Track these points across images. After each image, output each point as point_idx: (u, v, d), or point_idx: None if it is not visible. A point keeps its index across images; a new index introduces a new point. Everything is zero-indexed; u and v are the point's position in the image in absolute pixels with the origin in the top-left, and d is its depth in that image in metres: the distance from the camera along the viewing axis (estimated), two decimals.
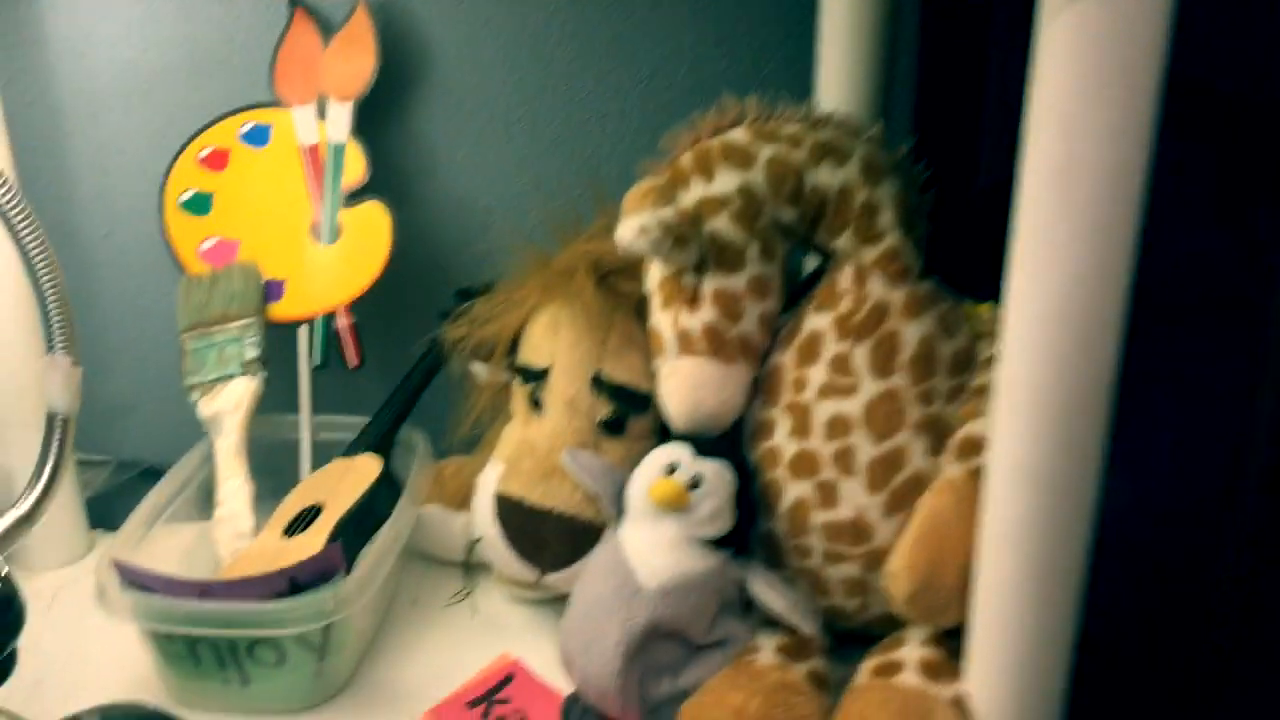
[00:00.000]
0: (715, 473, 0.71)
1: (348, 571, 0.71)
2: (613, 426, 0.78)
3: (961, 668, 0.66)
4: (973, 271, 0.75)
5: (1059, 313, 0.55)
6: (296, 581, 0.70)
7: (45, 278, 0.69)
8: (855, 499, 0.70)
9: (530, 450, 0.78)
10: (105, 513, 0.93)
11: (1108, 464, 0.58)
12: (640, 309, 0.78)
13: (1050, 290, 0.55)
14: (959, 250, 0.78)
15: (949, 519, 0.65)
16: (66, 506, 0.89)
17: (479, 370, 0.85)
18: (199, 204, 0.91)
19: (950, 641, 0.68)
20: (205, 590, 0.69)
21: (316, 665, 0.73)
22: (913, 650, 0.68)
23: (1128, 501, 0.66)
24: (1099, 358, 0.56)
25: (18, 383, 0.84)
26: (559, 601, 0.82)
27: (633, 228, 0.68)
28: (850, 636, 0.75)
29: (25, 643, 0.79)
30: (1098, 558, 0.61)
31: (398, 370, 0.91)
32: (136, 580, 0.70)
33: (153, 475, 0.86)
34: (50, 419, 0.70)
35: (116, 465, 0.98)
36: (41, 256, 0.69)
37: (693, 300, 0.72)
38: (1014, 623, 0.61)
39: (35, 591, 0.86)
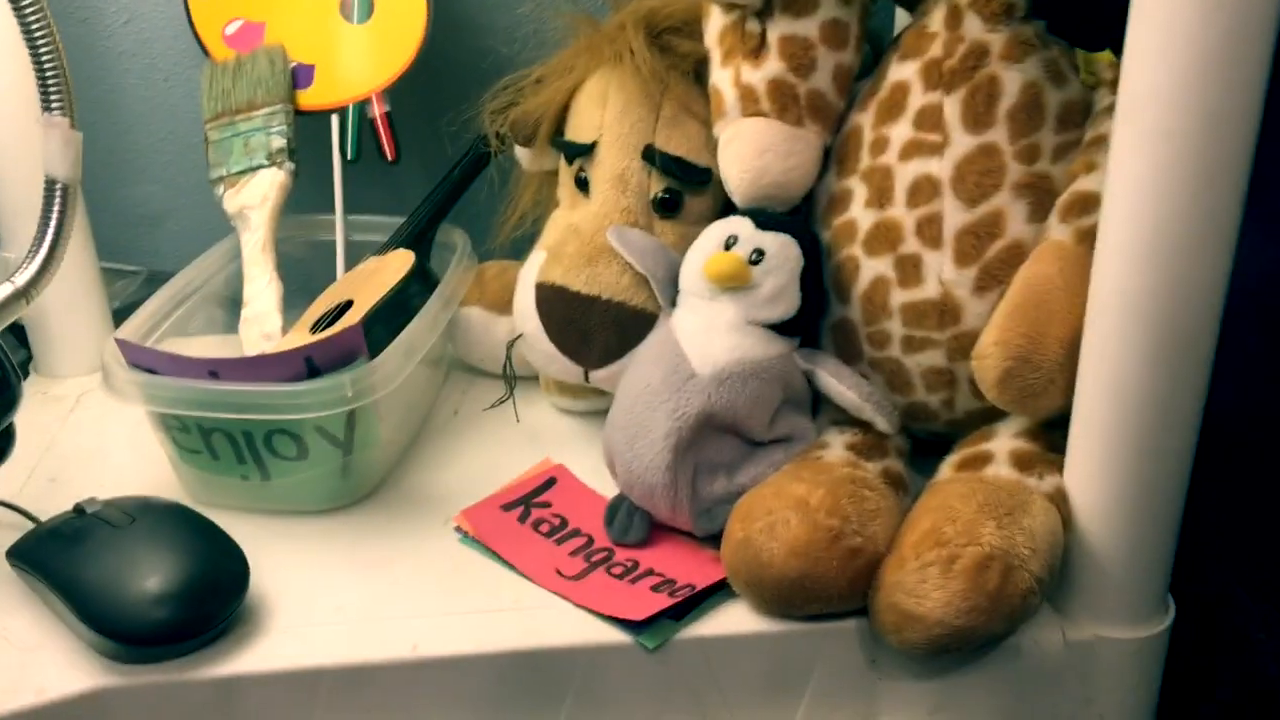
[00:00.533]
0: (780, 246, 0.62)
1: (371, 358, 0.65)
2: (667, 205, 0.70)
3: (1060, 461, 0.57)
4: (1084, 20, 0.64)
5: (1193, 25, 0.45)
6: (314, 363, 0.63)
7: (36, 28, 0.62)
8: (942, 274, 0.60)
9: (575, 233, 0.70)
10: None
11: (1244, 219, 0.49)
12: (699, 72, 0.69)
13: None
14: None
15: (1052, 286, 0.56)
16: (91, 313, 0.84)
17: (522, 156, 0.77)
18: None
19: (1049, 435, 0.59)
20: (215, 370, 0.63)
21: (341, 461, 0.66)
22: (1004, 441, 0.59)
23: (1267, 269, 0.56)
24: (1240, 72, 0.45)
25: (23, 170, 0.78)
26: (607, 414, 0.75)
27: None
28: (932, 444, 0.66)
29: (42, 443, 0.75)
30: (1227, 335, 0.51)
31: (439, 166, 0.83)
32: (141, 360, 0.64)
33: None
34: (49, 186, 0.64)
35: (148, 276, 0.92)
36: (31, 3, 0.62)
37: (757, 51, 0.63)
38: (1126, 410, 0.52)
39: (58, 397, 0.82)
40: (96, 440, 0.76)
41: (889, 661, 0.58)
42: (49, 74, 0.62)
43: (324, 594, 0.61)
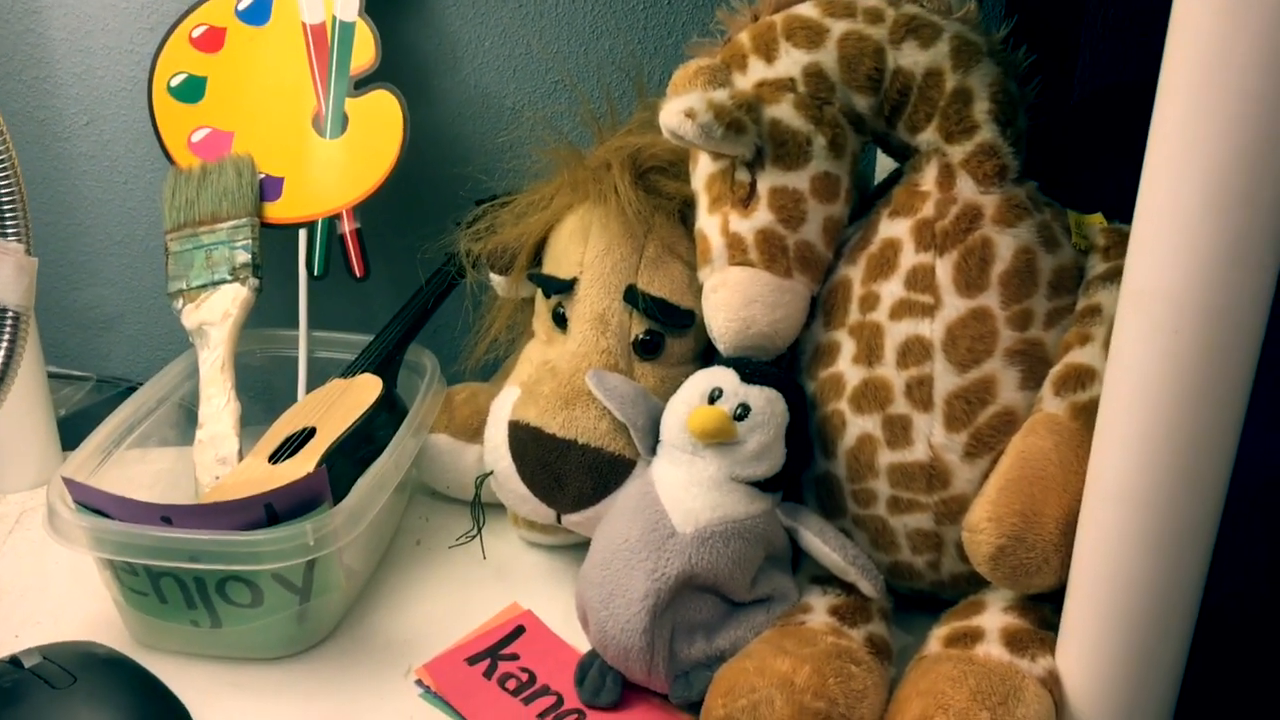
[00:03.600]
0: (765, 402, 0.60)
1: (336, 501, 0.62)
2: (648, 347, 0.68)
3: (1052, 640, 0.55)
4: (1072, 182, 0.64)
5: (1203, 223, 0.44)
6: (274, 510, 0.60)
7: None
8: (931, 437, 0.59)
9: (551, 372, 0.68)
10: (83, 434, 0.83)
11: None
12: (684, 213, 0.68)
13: (1195, 195, 0.44)
14: (1056, 159, 0.67)
15: (1046, 463, 0.54)
16: (36, 424, 0.80)
17: (497, 283, 0.74)
18: (190, 90, 0.81)
19: (1038, 608, 0.57)
20: (169, 516, 0.60)
21: (298, 608, 0.63)
22: (994, 617, 0.57)
23: (1268, 458, 0.55)
24: (1253, 276, 0.45)
25: None
26: (579, 549, 0.72)
27: (679, 110, 0.58)
28: (916, 599, 0.64)
29: None
30: (1227, 524, 0.50)
31: (407, 284, 0.81)
32: (90, 502, 0.60)
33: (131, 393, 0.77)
34: (0, 314, 0.61)
35: (96, 382, 0.88)
36: None
37: (746, 201, 0.61)
38: (1124, 598, 0.50)
39: None
40: (36, 567, 0.72)
41: None
42: (4, 199, 0.60)
43: None
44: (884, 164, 0.75)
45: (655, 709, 0.60)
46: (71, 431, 0.83)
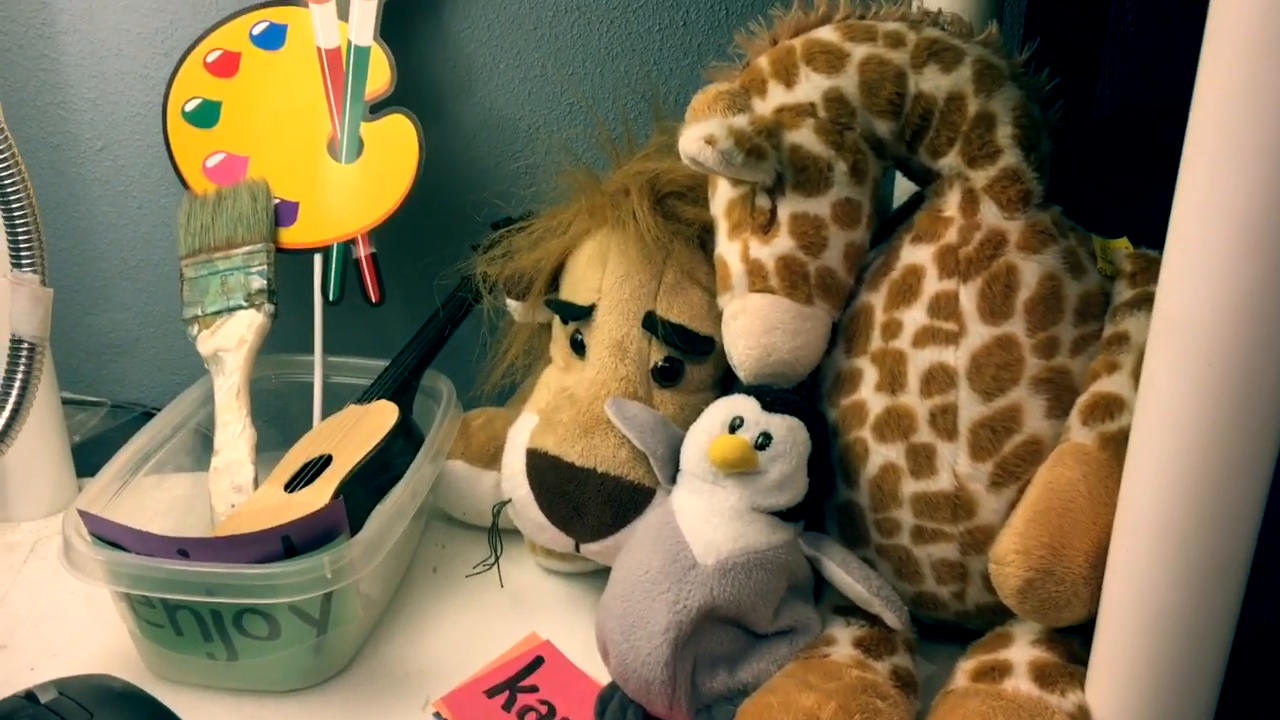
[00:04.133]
0: (787, 431, 0.59)
1: (353, 533, 0.61)
2: (666, 375, 0.67)
3: (1081, 674, 0.54)
4: (1091, 204, 0.63)
5: (1237, 251, 0.43)
6: (292, 542, 0.59)
7: (8, 183, 0.59)
8: (956, 466, 0.58)
9: (570, 400, 0.67)
10: (98, 460, 0.82)
11: None
12: (703, 239, 0.67)
13: (1229, 223, 0.43)
14: (1076, 180, 0.66)
15: (1076, 494, 0.53)
16: (50, 451, 0.80)
17: (514, 309, 0.74)
18: (205, 114, 0.80)
19: (1066, 641, 0.57)
20: (185, 549, 0.59)
21: (315, 640, 0.62)
22: (1022, 651, 0.56)
23: None
24: None
25: None
26: (598, 576, 0.72)
27: (699, 136, 0.57)
28: (940, 629, 0.64)
29: None
30: (1260, 555, 0.49)
31: (423, 308, 0.80)
32: (107, 535, 0.60)
33: (148, 419, 0.76)
34: (15, 345, 0.61)
35: (111, 408, 0.88)
36: (4, 159, 0.58)
37: (767, 227, 0.61)
38: (1157, 632, 0.49)
39: (11, 544, 0.77)
40: (51, 597, 0.71)
41: None
42: (20, 229, 0.59)
43: None
44: (902, 186, 0.74)
45: None
46: (86, 458, 0.83)
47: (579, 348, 0.69)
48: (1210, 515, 0.47)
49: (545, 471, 0.66)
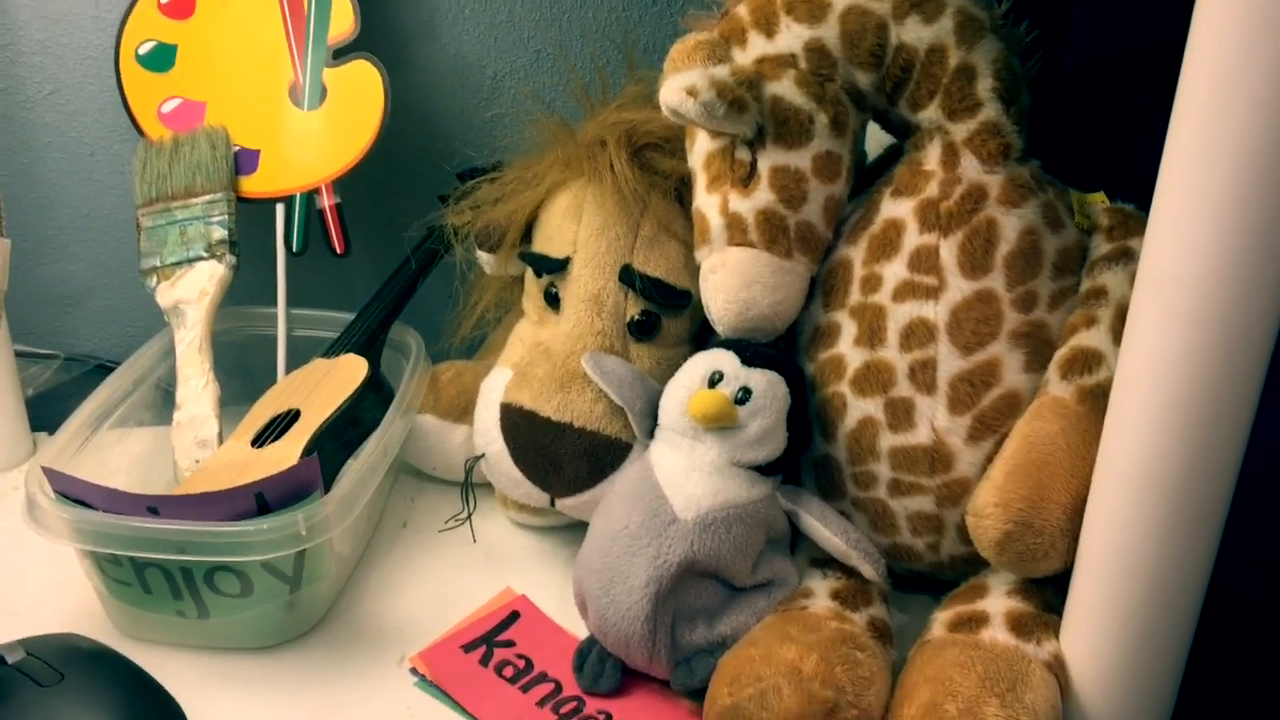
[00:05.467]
0: (767, 385, 0.59)
1: (326, 489, 0.60)
2: (643, 328, 0.67)
3: (1056, 623, 0.55)
4: (1063, 158, 0.63)
5: (1227, 208, 0.43)
6: (265, 499, 0.58)
7: None
8: (934, 420, 0.58)
9: (545, 355, 0.66)
10: (51, 414, 0.81)
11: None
12: (680, 191, 0.66)
13: (1219, 179, 0.43)
14: (1049, 132, 0.66)
15: (1053, 447, 0.54)
16: (5, 405, 0.78)
17: (485, 261, 0.73)
18: (160, 58, 0.78)
19: (1041, 591, 0.57)
20: (155, 507, 0.58)
21: (288, 597, 0.62)
22: (998, 601, 0.57)
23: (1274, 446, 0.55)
24: (1275, 262, 0.44)
25: None
26: (571, 530, 0.72)
27: (680, 88, 0.56)
28: (912, 579, 0.64)
29: None
30: (1234, 510, 0.50)
31: (390, 259, 0.79)
32: (72, 492, 0.58)
33: (106, 372, 0.74)
34: None
35: (65, 360, 0.86)
36: None
37: (746, 181, 0.60)
38: (1135, 582, 0.50)
39: None
40: (12, 555, 0.70)
41: None
42: None
43: None
44: (875, 138, 0.74)
45: (656, 695, 0.60)
46: (40, 411, 0.81)
47: (553, 301, 0.68)
48: (1192, 468, 0.47)
49: (520, 426, 0.65)
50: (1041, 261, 0.58)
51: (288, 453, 0.65)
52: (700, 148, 0.62)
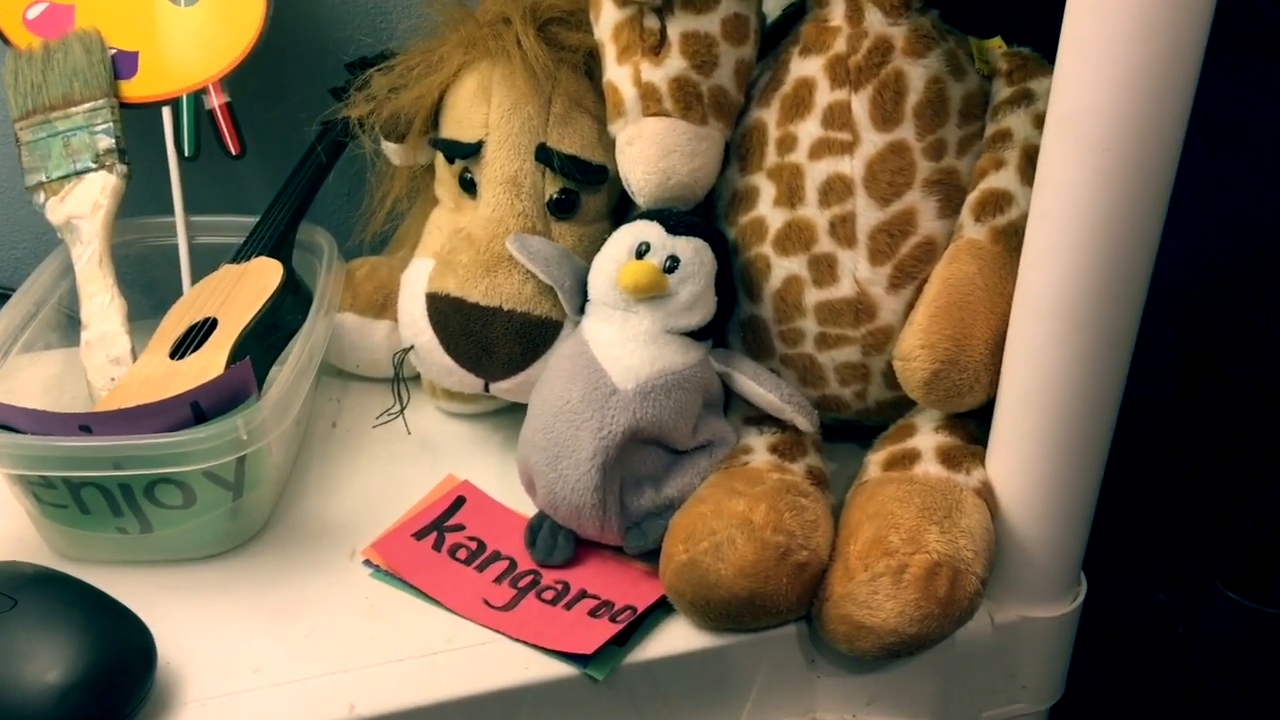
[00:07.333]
0: (694, 252, 0.60)
1: (260, 393, 0.60)
2: (562, 207, 0.67)
3: (981, 453, 0.59)
4: (957, 6, 0.64)
5: (1131, 41, 0.45)
6: (201, 407, 0.58)
7: None
8: (856, 273, 0.60)
9: (467, 240, 0.66)
10: None
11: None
12: (588, 66, 0.66)
13: (1122, 15, 0.45)
14: None
15: (973, 287, 0.56)
16: None
17: (391, 151, 0.71)
18: None
19: (965, 425, 0.61)
20: (87, 425, 0.56)
21: (231, 504, 0.61)
22: (927, 438, 0.60)
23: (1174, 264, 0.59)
24: (1178, 91, 0.47)
25: None
26: (501, 415, 0.73)
27: None
28: (838, 429, 0.67)
29: None
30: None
31: (287, 158, 0.77)
32: None
33: (2, 299, 0.71)
34: None
35: None
36: None
37: (657, 49, 0.60)
38: (1053, 407, 0.54)
39: None
40: None
41: (827, 660, 0.59)
42: None
43: (235, 654, 0.57)
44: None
45: (610, 562, 0.62)
46: None
47: (469, 186, 0.67)
48: (1104, 295, 0.50)
49: (449, 314, 0.65)
50: (948, 109, 0.60)
51: (211, 361, 0.64)
52: (607, 19, 0.61)
